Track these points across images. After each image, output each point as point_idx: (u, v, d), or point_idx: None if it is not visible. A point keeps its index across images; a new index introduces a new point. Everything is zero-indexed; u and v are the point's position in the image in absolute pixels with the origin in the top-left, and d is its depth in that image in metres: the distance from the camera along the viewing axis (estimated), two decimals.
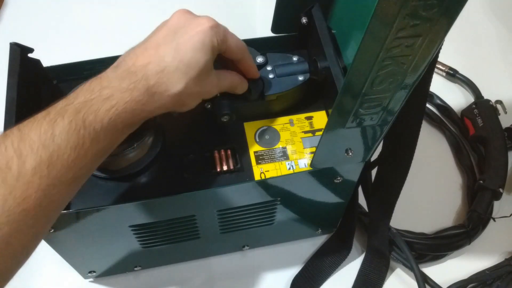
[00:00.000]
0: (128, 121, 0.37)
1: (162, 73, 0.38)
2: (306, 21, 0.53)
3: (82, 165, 0.35)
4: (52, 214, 0.35)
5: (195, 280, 0.61)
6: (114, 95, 0.36)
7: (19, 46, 0.46)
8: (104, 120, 0.35)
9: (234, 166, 0.48)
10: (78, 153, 0.34)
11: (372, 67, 0.35)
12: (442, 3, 0.30)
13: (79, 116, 0.34)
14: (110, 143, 0.37)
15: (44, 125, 0.34)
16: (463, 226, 0.62)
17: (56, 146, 0.33)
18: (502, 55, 0.83)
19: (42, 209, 0.33)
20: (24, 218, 0.32)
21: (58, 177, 0.33)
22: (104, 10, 0.86)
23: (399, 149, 0.50)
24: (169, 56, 0.38)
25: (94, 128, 0.35)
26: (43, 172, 0.33)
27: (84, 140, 0.34)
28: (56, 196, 0.34)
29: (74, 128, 0.34)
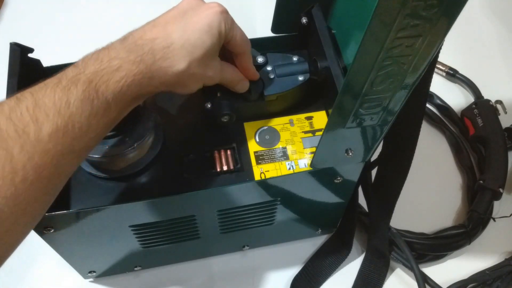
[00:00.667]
0: (135, 94, 0.37)
1: (168, 49, 0.38)
2: (306, 21, 0.53)
3: (93, 135, 0.35)
4: (61, 183, 0.35)
5: (195, 280, 0.61)
6: (123, 66, 0.36)
7: (19, 46, 0.46)
8: (116, 90, 0.36)
9: (234, 166, 0.48)
10: (90, 122, 0.34)
11: (372, 67, 0.35)
12: (442, 3, 0.30)
13: (92, 85, 0.35)
14: (119, 114, 0.37)
15: (58, 92, 0.33)
16: (463, 226, 0.62)
17: (71, 114, 0.33)
18: (502, 55, 0.83)
19: (56, 177, 0.33)
20: (40, 186, 0.32)
21: (71, 145, 0.33)
22: (104, 10, 0.86)
23: (399, 149, 0.50)
24: (176, 33, 0.39)
25: (106, 98, 0.35)
26: (59, 140, 0.32)
27: (98, 110, 0.35)
28: (68, 165, 0.34)
29: (88, 97, 0.34)
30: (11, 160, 0.31)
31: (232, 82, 0.46)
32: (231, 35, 0.42)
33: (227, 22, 0.41)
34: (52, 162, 0.32)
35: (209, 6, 0.41)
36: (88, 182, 0.47)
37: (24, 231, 0.34)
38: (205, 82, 0.43)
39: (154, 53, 0.38)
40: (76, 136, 0.34)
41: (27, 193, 0.31)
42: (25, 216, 0.32)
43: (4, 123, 0.31)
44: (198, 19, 0.40)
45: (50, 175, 0.33)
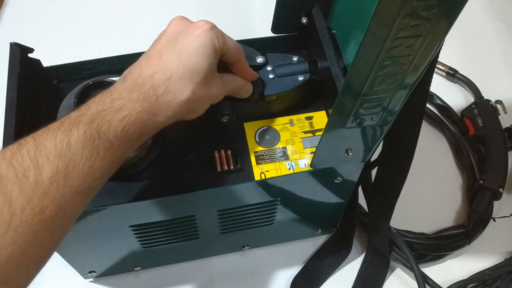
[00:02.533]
0: (140, 132, 0.37)
1: (168, 82, 0.38)
2: (306, 21, 0.53)
3: (97, 175, 0.35)
4: (67, 225, 0.35)
5: (195, 280, 0.61)
6: (126, 105, 0.36)
7: (19, 46, 0.46)
8: (118, 129, 0.36)
9: (234, 166, 0.48)
10: (93, 163, 0.34)
11: (372, 67, 0.35)
12: (442, 4, 0.30)
13: (93, 125, 0.35)
14: (124, 152, 0.37)
15: (59, 135, 0.33)
16: (463, 226, 0.62)
17: (72, 155, 0.33)
18: (502, 55, 0.83)
19: (58, 219, 0.33)
20: (40, 229, 0.32)
21: (74, 186, 0.33)
22: (104, 10, 0.86)
23: (399, 149, 0.50)
24: (173, 63, 0.39)
25: (108, 137, 0.35)
26: (60, 182, 0.32)
27: (99, 150, 0.35)
28: (71, 206, 0.34)
29: (89, 137, 0.34)
30: (10, 204, 0.30)
31: (235, 90, 0.46)
32: (225, 48, 0.42)
33: (219, 37, 0.40)
34: (53, 204, 0.32)
35: (198, 25, 0.40)
36: None
37: (27, 276, 0.34)
38: (212, 101, 0.43)
39: (156, 89, 0.38)
40: (78, 177, 0.33)
41: (26, 237, 0.31)
42: (26, 260, 0.32)
43: (5, 168, 0.31)
44: (190, 42, 0.39)
45: (52, 217, 0.32)
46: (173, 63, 0.39)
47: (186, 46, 0.39)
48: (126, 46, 0.53)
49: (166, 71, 0.38)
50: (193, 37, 0.39)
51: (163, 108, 0.38)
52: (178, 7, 0.80)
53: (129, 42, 0.42)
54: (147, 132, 0.39)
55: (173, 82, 0.38)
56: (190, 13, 0.47)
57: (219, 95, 0.43)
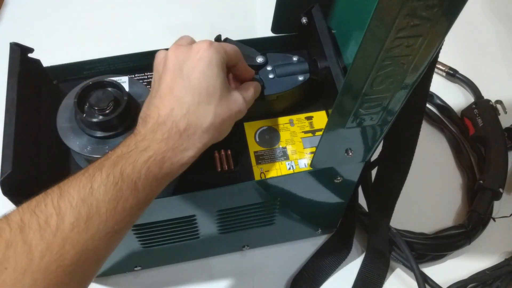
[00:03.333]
0: (167, 170, 0.37)
1: (188, 114, 0.38)
2: (306, 21, 0.53)
3: (122, 218, 0.35)
4: (90, 270, 0.35)
5: (195, 280, 0.61)
6: (151, 146, 0.36)
7: (19, 46, 0.46)
8: (142, 171, 0.35)
9: (234, 166, 0.48)
10: (116, 206, 0.34)
11: (372, 67, 0.35)
12: (442, 3, 0.30)
13: (116, 168, 0.34)
14: (150, 193, 0.37)
15: (83, 180, 0.34)
16: (463, 226, 0.62)
17: (95, 200, 0.33)
18: (502, 55, 0.83)
19: (80, 265, 0.33)
20: (61, 275, 0.32)
21: (97, 231, 0.33)
22: (104, 10, 0.86)
23: (399, 149, 0.50)
24: (187, 95, 0.38)
25: (133, 179, 0.35)
26: (81, 227, 0.32)
27: (123, 193, 0.34)
28: (94, 251, 0.33)
29: (112, 181, 0.34)
30: (29, 251, 0.31)
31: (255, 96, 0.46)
32: (227, 58, 0.41)
33: (219, 51, 0.40)
34: (75, 249, 0.32)
35: (197, 49, 0.39)
36: None
37: None
38: (237, 118, 0.42)
39: (178, 125, 0.37)
40: (101, 222, 0.33)
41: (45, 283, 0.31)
42: None
43: (28, 217, 0.32)
44: (196, 66, 0.39)
45: (73, 263, 0.32)
46: (187, 94, 0.38)
47: (193, 73, 0.39)
48: (126, 46, 0.53)
49: (183, 105, 0.38)
50: (196, 61, 0.39)
51: (190, 142, 0.38)
52: (178, 7, 0.80)
53: (129, 42, 0.42)
54: (175, 171, 0.38)
55: (193, 112, 0.38)
56: (191, 14, 0.47)
57: (241, 110, 0.42)
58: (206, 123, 0.38)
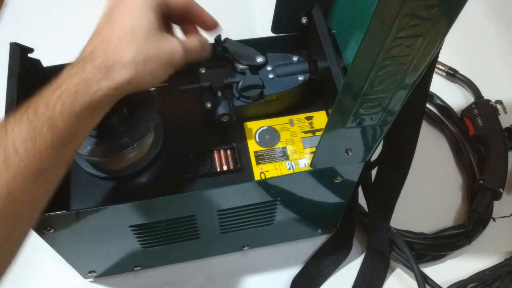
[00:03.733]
0: (85, 103, 0.36)
1: (108, 49, 0.37)
2: (306, 21, 0.53)
3: (44, 156, 0.34)
4: (22, 211, 0.35)
5: (195, 280, 0.61)
6: (64, 82, 0.36)
7: (19, 46, 0.46)
8: (57, 106, 0.35)
9: (234, 166, 0.48)
10: (35, 144, 0.34)
11: (372, 67, 0.35)
12: (442, 3, 0.30)
13: (30, 110, 0.35)
14: (72, 129, 0.36)
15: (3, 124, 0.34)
16: (463, 226, 0.62)
17: (10, 140, 0.33)
18: (502, 55, 0.83)
19: (8, 206, 0.33)
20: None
21: (18, 170, 0.33)
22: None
23: (399, 149, 0.50)
24: (110, 32, 0.38)
25: (48, 115, 0.35)
26: (0, 168, 0.33)
27: (39, 130, 0.34)
28: (20, 191, 0.34)
29: (25, 120, 0.34)
30: None
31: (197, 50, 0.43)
32: (166, 2, 0.41)
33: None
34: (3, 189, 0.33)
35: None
36: (88, 182, 0.47)
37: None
38: (170, 61, 0.40)
39: (95, 59, 0.37)
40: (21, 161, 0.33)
41: None
42: None
43: None
44: (124, 7, 0.39)
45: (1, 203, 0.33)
46: (111, 32, 0.38)
47: (120, 13, 0.39)
48: None
49: (104, 41, 0.38)
50: (126, 4, 0.39)
51: (107, 74, 0.36)
52: None
53: None
54: (95, 103, 0.36)
55: (113, 47, 0.37)
56: None
57: (175, 52, 0.40)
58: (126, 57, 0.37)
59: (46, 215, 0.41)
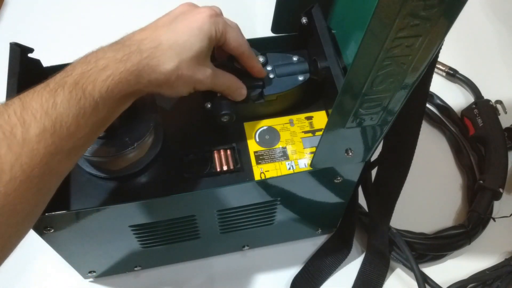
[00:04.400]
0: (123, 92, 0.37)
1: (155, 49, 0.39)
2: (306, 21, 0.53)
3: (82, 134, 0.35)
4: (53, 183, 0.36)
5: (195, 280, 0.61)
6: (109, 65, 0.37)
7: (19, 46, 0.46)
8: (102, 89, 0.36)
9: (234, 166, 0.48)
10: (79, 122, 0.35)
11: (372, 67, 0.35)
12: (442, 3, 0.30)
13: (78, 86, 0.35)
14: (109, 112, 0.37)
15: (45, 95, 0.34)
16: (463, 226, 0.62)
17: (59, 114, 0.34)
18: (502, 55, 0.83)
19: (45, 176, 0.34)
20: (29, 185, 0.33)
21: (60, 145, 0.34)
22: (104, 10, 0.86)
23: (399, 149, 0.50)
24: (165, 35, 0.40)
25: (94, 97, 0.35)
26: (47, 140, 0.33)
27: (85, 109, 0.35)
28: (57, 165, 0.34)
29: (74, 97, 0.35)
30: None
31: (227, 89, 0.46)
32: (223, 38, 0.43)
33: (218, 26, 0.42)
34: (42, 161, 0.33)
35: (200, 10, 0.42)
36: (88, 182, 0.47)
37: (18, 232, 0.34)
38: (196, 86, 0.43)
39: (141, 52, 0.38)
40: (64, 136, 0.34)
41: (16, 193, 0.32)
42: (16, 216, 0.33)
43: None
44: (188, 22, 0.41)
45: (40, 174, 0.33)
46: (165, 35, 0.40)
47: (183, 25, 0.41)
48: None
49: (155, 40, 0.39)
50: (193, 19, 0.41)
51: (146, 71, 0.38)
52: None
53: None
54: (131, 94, 0.38)
55: (160, 50, 0.39)
56: None
57: (204, 82, 0.43)
58: (167, 66, 0.39)
59: (46, 215, 0.41)
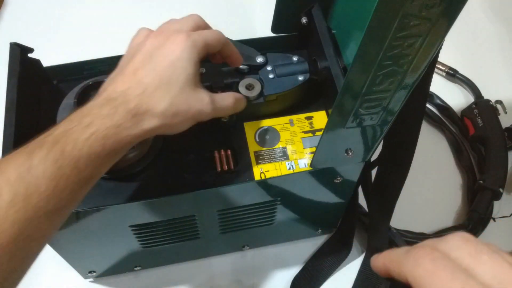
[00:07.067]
0: (110, 148, 0.35)
1: (143, 95, 0.37)
2: (306, 21, 0.53)
3: (64, 196, 0.34)
4: (32, 249, 0.34)
5: (195, 280, 0.61)
6: (94, 121, 0.35)
7: (19, 46, 0.46)
8: (83, 149, 0.34)
9: (234, 166, 0.48)
10: (57, 184, 0.33)
11: (372, 67, 0.35)
12: (442, 3, 0.30)
13: (57, 147, 0.33)
14: (94, 171, 0.35)
15: (21, 158, 0.33)
16: (463, 226, 0.62)
17: (33, 177, 0.32)
18: (502, 55, 0.83)
19: (19, 242, 0.32)
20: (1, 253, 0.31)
21: (36, 209, 0.32)
22: (104, 10, 0.86)
23: (399, 149, 0.50)
24: (148, 77, 0.38)
25: (74, 157, 0.34)
26: (19, 205, 0.31)
27: (64, 170, 0.33)
28: (34, 230, 0.33)
29: (51, 159, 0.33)
30: None
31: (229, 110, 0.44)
32: (205, 49, 0.41)
33: (196, 44, 0.39)
34: (13, 228, 0.31)
35: (173, 39, 0.39)
36: None
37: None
38: (196, 117, 0.40)
39: (128, 102, 0.36)
40: (40, 200, 0.32)
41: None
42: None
43: None
44: (166, 55, 0.38)
45: (12, 242, 0.31)
46: (148, 76, 0.38)
47: (161, 60, 0.38)
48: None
49: (140, 85, 0.37)
50: (168, 51, 0.39)
51: (137, 121, 0.36)
52: (178, 7, 0.80)
53: (129, 42, 0.42)
54: (118, 149, 0.36)
55: (148, 95, 0.37)
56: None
57: (203, 111, 0.40)
58: (158, 108, 0.37)
59: None
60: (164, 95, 0.38)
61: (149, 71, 0.38)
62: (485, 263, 0.26)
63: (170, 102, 0.38)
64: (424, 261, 0.27)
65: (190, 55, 0.39)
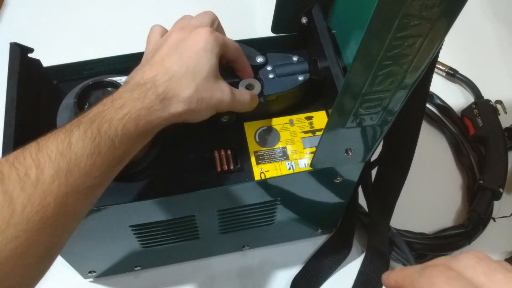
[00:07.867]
0: (142, 129, 0.38)
1: (170, 81, 0.40)
2: (306, 21, 0.53)
3: (99, 173, 0.35)
4: (69, 224, 0.35)
5: (195, 280, 0.61)
6: (126, 104, 0.37)
7: (19, 46, 0.46)
8: (118, 127, 0.36)
9: (234, 166, 0.48)
10: (94, 161, 0.35)
11: (372, 67, 0.35)
12: (442, 3, 0.30)
13: (94, 125, 0.35)
14: (126, 151, 0.38)
15: (61, 135, 0.34)
16: (463, 226, 0.62)
17: (73, 154, 0.34)
18: (502, 55, 0.83)
19: (60, 217, 0.33)
20: (42, 227, 0.32)
21: (75, 185, 0.34)
22: (104, 10, 0.86)
23: (399, 149, 0.50)
24: (175, 65, 0.40)
25: (109, 136, 0.36)
26: (61, 180, 0.33)
27: (100, 148, 0.35)
28: (73, 205, 0.34)
29: (89, 136, 0.35)
30: (10, 202, 0.31)
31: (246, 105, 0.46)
32: (224, 48, 0.44)
33: (218, 39, 0.43)
34: (55, 202, 0.33)
35: (197, 32, 0.42)
36: None
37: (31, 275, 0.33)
38: (217, 106, 0.43)
39: (157, 87, 0.39)
40: (79, 176, 0.34)
41: (27, 234, 0.31)
42: (28, 258, 0.32)
43: (7, 170, 0.32)
44: (192, 47, 0.41)
45: (53, 215, 0.33)
46: (175, 65, 0.40)
47: (187, 50, 0.41)
48: (126, 46, 0.53)
49: (168, 72, 0.40)
50: (194, 41, 0.42)
51: (164, 105, 0.39)
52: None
53: (129, 42, 0.42)
54: (149, 130, 0.39)
55: (175, 80, 0.40)
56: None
57: (224, 100, 0.43)
58: (185, 94, 0.40)
59: None
60: (190, 82, 0.40)
61: (176, 60, 0.41)
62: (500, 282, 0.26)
63: (196, 89, 0.40)
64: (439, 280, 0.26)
65: (213, 48, 0.42)
